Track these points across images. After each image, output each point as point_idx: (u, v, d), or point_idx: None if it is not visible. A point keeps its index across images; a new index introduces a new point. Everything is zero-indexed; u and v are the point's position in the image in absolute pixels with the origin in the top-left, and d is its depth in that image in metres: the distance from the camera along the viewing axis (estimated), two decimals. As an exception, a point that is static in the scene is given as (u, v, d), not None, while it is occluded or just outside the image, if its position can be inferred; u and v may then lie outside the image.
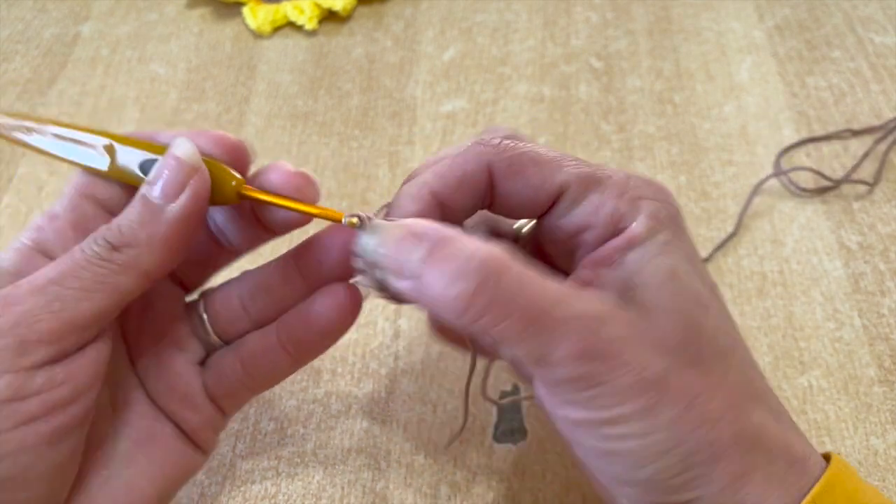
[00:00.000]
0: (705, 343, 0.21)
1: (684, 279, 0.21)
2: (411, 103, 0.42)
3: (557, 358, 0.19)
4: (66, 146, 0.24)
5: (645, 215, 0.21)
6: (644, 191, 0.22)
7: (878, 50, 0.43)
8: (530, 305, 0.19)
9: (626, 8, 0.46)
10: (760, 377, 0.22)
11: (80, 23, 0.47)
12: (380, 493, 0.29)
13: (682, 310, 0.21)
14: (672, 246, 0.21)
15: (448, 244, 0.19)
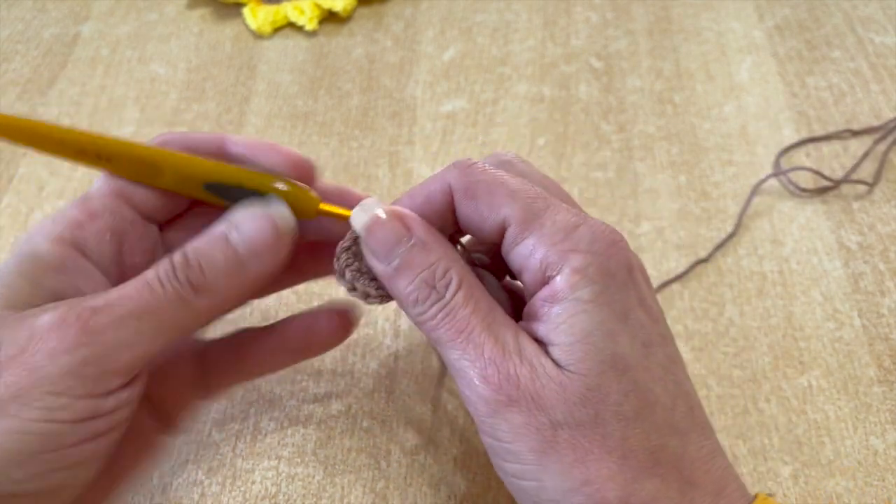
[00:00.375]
0: (607, 408, 0.21)
1: (597, 342, 0.21)
2: (411, 103, 0.42)
3: (473, 376, 0.21)
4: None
5: (570, 269, 0.21)
6: (579, 243, 0.22)
7: (877, 50, 0.43)
8: (468, 323, 0.22)
9: (626, 8, 0.46)
10: (682, 438, 0.21)
11: (80, 23, 0.47)
12: (380, 493, 0.29)
13: (586, 374, 0.21)
14: (594, 304, 0.21)
15: (427, 250, 0.23)
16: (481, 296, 0.22)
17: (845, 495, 0.28)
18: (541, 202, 0.23)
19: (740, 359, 0.32)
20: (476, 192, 0.23)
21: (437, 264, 0.22)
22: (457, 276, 0.22)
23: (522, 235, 0.22)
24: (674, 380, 0.22)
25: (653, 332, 0.22)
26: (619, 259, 0.22)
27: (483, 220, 0.23)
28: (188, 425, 0.27)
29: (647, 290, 0.23)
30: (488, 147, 0.40)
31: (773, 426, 0.30)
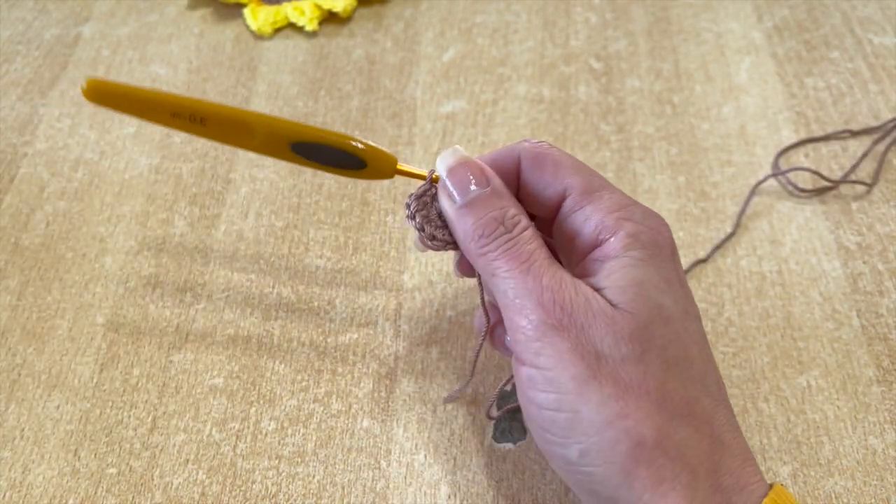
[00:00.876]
0: (652, 349, 0.22)
1: (648, 290, 0.23)
2: (411, 104, 0.42)
3: (527, 302, 0.22)
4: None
5: (625, 233, 0.24)
6: (634, 215, 0.24)
7: (876, 50, 0.44)
8: (531, 255, 0.23)
9: (626, 9, 0.46)
10: (714, 400, 0.23)
11: (81, 24, 0.47)
12: (380, 493, 0.29)
13: (636, 312, 0.22)
14: (645, 263, 0.23)
15: (500, 197, 0.25)
16: (543, 243, 0.24)
17: (844, 495, 0.28)
18: (599, 180, 0.25)
19: (739, 358, 0.32)
20: (544, 162, 0.25)
21: (508, 209, 0.24)
22: (525, 220, 0.24)
23: (581, 203, 0.25)
24: (707, 352, 0.24)
25: (689, 307, 0.24)
26: (666, 237, 0.24)
27: (546, 187, 0.25)
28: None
29: (684, 275, 0.25)
30: (488, 147, 0.40)
31: (772, 426, 0.30)
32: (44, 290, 0.35)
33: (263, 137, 0.25)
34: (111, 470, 0.29)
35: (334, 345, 0.33)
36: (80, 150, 0.40)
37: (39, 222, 0.37)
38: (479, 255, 0.24)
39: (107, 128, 0.41)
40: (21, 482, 0.29)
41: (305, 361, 0.32)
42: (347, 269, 0.35)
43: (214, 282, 0.35)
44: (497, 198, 0.24)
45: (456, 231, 0.25)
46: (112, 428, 0.30)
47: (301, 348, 0.33)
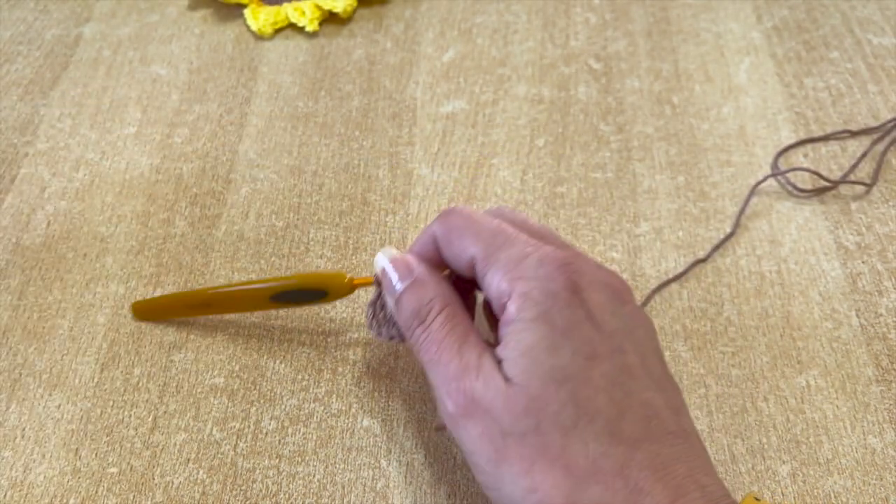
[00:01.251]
0: (547, 417, 0.22)
1: (538, 355, 0.23)
2: (411, 104, 0.42)
3: (441, 392, 0.24)
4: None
5: (517, 295, 0.24)
6: (526, 271, 0.24)
7: (875, 51, 0.44)
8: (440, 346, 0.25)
9: (625, 9, 0.47)
10: (628, 446, 0.22)
11: (82, 24, 0.47)
12: (380, 492, 0.29)
13: (527, 384, 0.23)
14: (536, 322, 0.23)
15: (421, 285, 0.27)
16: (460, 321, 0.26)
17: (843, 494, 0.28)
18: (500, 238, 0.26)
19: (738, 358, 0.32)
20: (450, 238, 0.27)
21: (426, 295, 0.26)
22: (439, 305, 0.26)
23: (484, 271, 0.25)
24: (623, 390, 0.23)
25: (600, 347, 0.23)
26: (563, 281, 0.24)
27: (458, 260, 0.26)
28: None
29: (606, 307, 0.24)
30: (488, 148, 0.40)
31: (771, 425, 0.30)
32: (45, 289, 0.35)
33: (251, 302, 0.32)
34: (112, 469, 0.29)
35: (335, 344, 0.33)
36: (80, 150, 0.40)
37: (40, 222, 0.37)
38: (413, 348, 0.26)
39: (108, 128, 0.41)
40: (22, 481, 0.29)
41: (306, 361, 0.32)
42: (348, 268, 0.35)
43: (215, 281, 0.35)
44: (418, 287, 0.27)
45: (399, 324, 0.27)
46: (113, 427, 0.30)
47: (301, 348, 0.33)
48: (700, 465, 0.23)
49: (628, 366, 0.24)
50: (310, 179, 0.39)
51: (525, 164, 0.39)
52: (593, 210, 0.37)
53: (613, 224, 0.37)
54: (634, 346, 0.24)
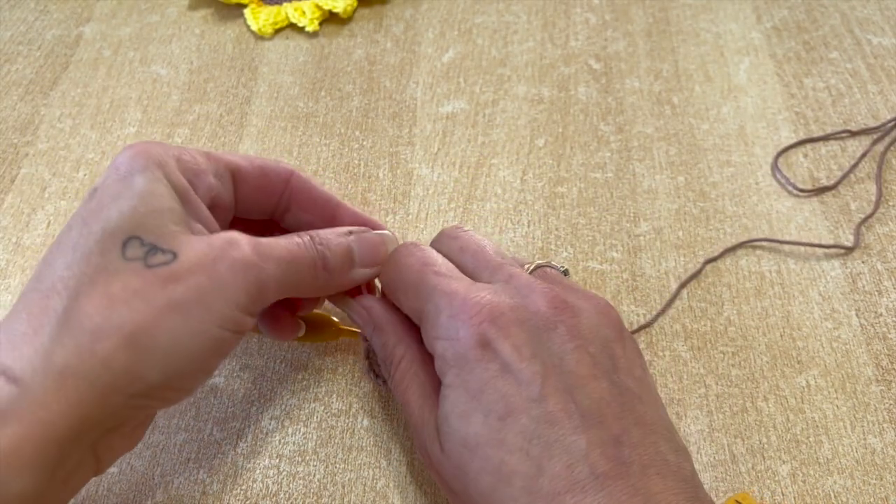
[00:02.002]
0: (469, 485, 0.23)
1: (452, 424, 0.23)
2: (411, 104, 0.42)
3: (414, 437, 0.26)
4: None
5: (437, 358, 0.24)
6: (440, 330, 0.24)
7: (875, 51, 0.44)
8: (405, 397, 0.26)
9: (625, 9, 0.47)
10: (548, 497, 0.21)
11: (82, 24, 0.47)
12: (380, 492, 0.29)
13: (451, 454, 0.23)
14: (451, 388, 0.24)
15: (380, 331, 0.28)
16: (418, 369, 0.26)
17: (843, 494, 0.29)
18: (423, 290, 0.25)
19: (738, 358, 0.32)
20: (393, 295, 0.28)
21: (387, 342, 0.27)
22: (399, 354, 0.27)
23: (419, 325, 0.26)
24: (542, 443, 0.22)
25: (516, 400, 0.22)
26: (468, 338, 0.23)
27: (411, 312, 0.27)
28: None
29: (523, 349, 0.23)
30: (488, 148, 0.40)
31: (771, 425, 0.30)
32: (45, 289, 0.35)
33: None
34: (112, 469, 0.29)
35: (335, 344, 0.33)
36: (81, 150, 0.40)
37: (41, 222, 0.37)
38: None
39: (108, 128, 0.41)
40: (22, 481, 0.29)
41: (306, 360, 0.32)
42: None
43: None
44: (378, 334, 0.28)
45: None
46: (113, 427, 0.31)
47: (301, 348, 0.33)
48: (640, 500, 0.21)
49: (548, 413, 0.22)
50: (310, 179, 0.39)
51: (525, 164, 0.39)
52: (593, 210, 0.37)
53: (613, 224, 0.37)
54: (560, 381, 0.23)
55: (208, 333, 0.22)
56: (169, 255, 0.22)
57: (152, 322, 0.21)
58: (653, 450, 0.22)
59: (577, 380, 0.23)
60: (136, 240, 0.22)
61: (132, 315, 0.21)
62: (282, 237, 0.25)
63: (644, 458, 0.22)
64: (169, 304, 0.21)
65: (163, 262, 0.22)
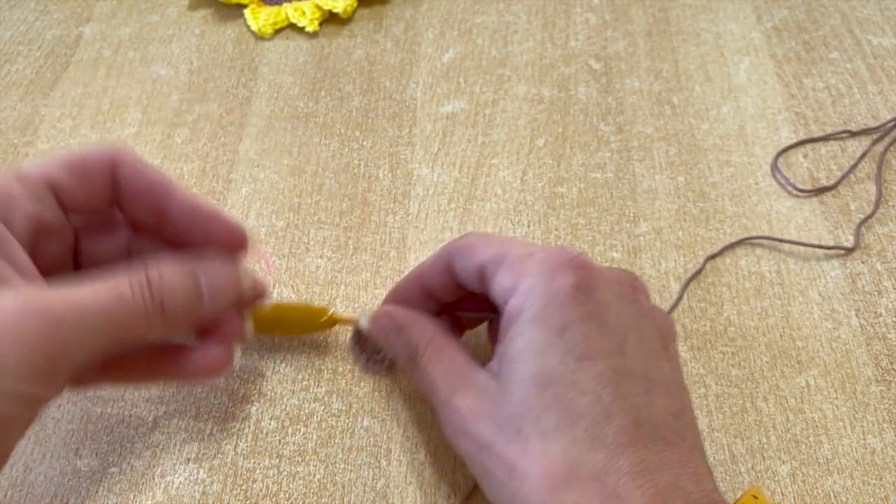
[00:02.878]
0: (527, 423, 0.22)
1: (527, 360, 0.23)
2: (411, 104, 0.42)
3: (440, 418, 0.25)
4: None
5: (519, 293, 0.24)
6: (529, 269, 0.24)
7: (875, 51, 0.44)
8: (433, 378, 0.26)
9: (625, 9, 0.47)
10: (609, 451, 0.22)
11: (82, 24, 0.47)
12: (380, 492, 0.29)
13: (514, 390, 0.23)
14: (532, 322, 0.23)
15: (403, 330, 0.28)
16: (445, 349, 0.26)
17: (843, 494, 0.29)
18: (508, 244, 0.26)
19: (738, 358, 0.32)
20: (463, 251, 0.27)
21: (411, 337, 0.27)
22: (424, 343, 0.26)
23: (492, 271, 0.26)
24: (615, 393, 0.22)
25: (597, 346, 0.23)
26: (566, 277, 0.24)
27: (467, 271, 0.27)
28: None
29: (612, 304, 0.24)
30: (488, 148, 0.40)
31: (770, 425, 0.30)
32: (45, 289, 0.35)
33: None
34: (112, 469, 0.29)
35: (335, 344, 0.33)
36: (81, 150, 0.41)
37: (41, 222, 0.37)
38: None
39: (108, 128, 0.41)
40: (22, 481, 0.29)
41: (306, 360, 0.32)
42: (348, 268, 0.35)
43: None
44: (402, 332, 0.27)
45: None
46: (113, 427, 0.30)
47: (301, 348, 0.33)
48: (689, 471, 0.22)
49: (626, 367, 0.23)
50: (310, 179, 0.39)
51: (525, 164, 0.39)
52: (593, 210, 0.37)
53: (613, 224, 0.37)
54: (638, 345, 0.24)
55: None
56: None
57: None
58: (698, 436, 0.24)
59: (649, 350, 0.24)
60: None
61: None
62: (98, 282, 0.22)
63: (693, 440, 0.23)
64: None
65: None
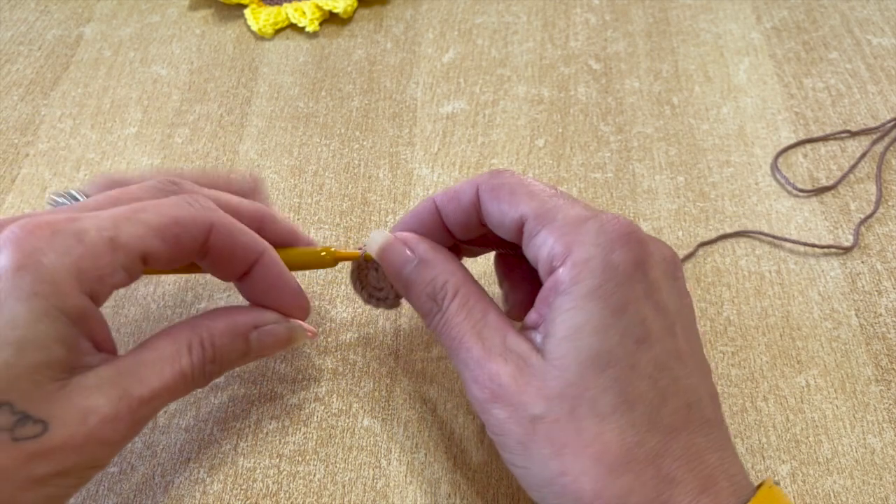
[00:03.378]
0: (583, 403, 0.22)
1: (584, 337, 0.22)
2: (411, 104, 0.42)
3: (467, 377, 0.24)
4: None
5: (572, 261, 0.22)
6: (585, 235, 0.23)
7: (875, 51, 0.44)
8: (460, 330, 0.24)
9: (625, 10, 0.47)
10: (664, 435, 0.22)
11: (83, 24, 0.47)
12: (380, 492, 0.29)
13: (566, 368, 0.22)
14: (589, 298, 0.22)
15: (427, 266, 0.25)
16: (476, 301, 0.24)
17: (843, 493, 0.29)
18: (556, 199, 0.24)
19: (738, 358, 0.32)
20: (500, 193, 0.25)
21: (437, 278, 0.25)
22: (452, 288, 0.25)
23: (536, 228, 0.24)
24: (670, 376, 0.22)
25: (654, 327, 0.22)
26: (626, 252, 0.22)
27: (504, 216, 0.24)
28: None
29: (662, 283, 0.23)
30: (488, 148, 0.40)
31: (770, 425, 0.30)
32: (46, 289, 0.35)
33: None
34: (113, 469, 0.29)
35: (335, 344, 0.33)
36: (81, 150, 0.41)
37: (41, 222, 0.37)
38: (434, 333, 0.25)
39: (108, 128, 0.41)
40: (23, 481, 0.29)
41: (306, 360, 0.32)
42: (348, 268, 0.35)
43: (215, 281, 0.35)
44: (425, 269, 0.25)
45: (412, 305, 0.26)
46: (114, 427, 0.31)
47: (302, 347, 0.33)
48: (729, 454, 0.23)
49: (678, 349, 0.23)
50: (310, 179, 0.39)
51: (525, 164, 0.39)
52: (593, 210, 0.37)
53: (613, 224, 0.37)
54: (684, 326, 0.23)
55: (67, 496, 0.21)
56: (39, 426, 0.20)
57: (10, 499, 0.20)
58: (724, 419, 0.24)
59: (692, 332, 0.24)
60: (6, 406, 0.19)
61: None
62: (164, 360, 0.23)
63: (725, 422, 0.24)
64: (30, 479, 0.20)
65: (32, 434, 0.20)
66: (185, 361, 0.24)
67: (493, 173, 0.25)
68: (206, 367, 0.24)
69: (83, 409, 0.21)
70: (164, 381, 0.23)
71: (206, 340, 0.24)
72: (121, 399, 0.21)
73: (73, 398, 0.21)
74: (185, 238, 0.24)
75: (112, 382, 0.22)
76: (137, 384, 0.22)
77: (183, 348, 0.24)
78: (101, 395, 0.21)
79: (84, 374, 0.21)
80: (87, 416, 0.21)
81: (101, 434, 0.21)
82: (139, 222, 0.22)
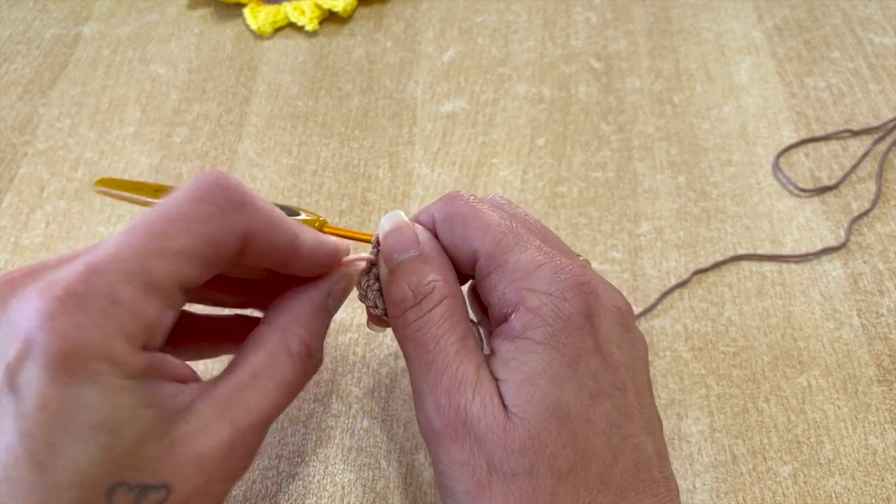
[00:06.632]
0: (543, 460, 0.21)
1: (543, 386, 0.21)
2: (411, 104, 0.42)
3: (428, 402, 0.22)
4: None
5: (525, 309, 0.22)
6: (538, 283, 0.22)
7: (876, 50, 0.44)
8: (436, 343, 0.22)
9: (626, 9, 0.46)
10: (614, 495, 0.21)
11: (81, 23, 0.47)
12: (380, 493, 0.29)
13: (527, 418, 0.21)
14: (544, 346, 0.21)
15: (425, 261, 0.23)
16: (460, 321, 0.23)
17: (844, 494, 0.28)
18: (511, 238, 0.23)
19: (740, 358, 0.32)
20: (453, 224, 0.23)
21: (428, 275, 0.23)
22: (440, 294, 0.23)
23: (487, 269, 0.23)
24: (620, 433, 0.22)
25: (604, 382, 0.22)
26: (577, 303, 0.22)
27: (458, 250, 0.23)
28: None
29: (613, 335, 0.23)
30: (488, 147, 0.40)
31: (772, 426, 0.30)
32: (44, 289, 0.35)
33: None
34: (111, 469, 0.29)
35: (335, 344, 0.33)
36: (80, 149, 0.40)
37: (39, 222, 0.37)
38: (396, 328, 0.23)
39: (107, 127, 0.41)
40: (21, 482, 0.29)
41: (305, 361, 0.32)
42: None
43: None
44: (421, 263, 0.23)
45: (387, 297, 0.24)
46: (112, 427, 0.30)
47: (301, 348, 0.33)
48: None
49: (627, 406, 0.22)
50: (309, 179, 0.39)
51: (525, 163, 0.39)
52: (594, 210, 0.37)
53: (614, 224, 0.37)
54: (634, 380, 0.23)
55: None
56: (162, 491, 0.19)
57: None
58: (673, 477, 0.23)
59: (641, 386, 0.23)
60: (122, 487, 0.18)
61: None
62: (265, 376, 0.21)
63: (674, 482, 0.23)
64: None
65: (157, 501, 0.19)
66: (287, 369, 0.22)
67: (447, 200, 0.24)
68: (307, 365, 0.23)
69: (196, 458, 0.20)
70: (269, 399, 0.21)
71: (302, 338, 0.23)
72: (231, 435, 0.20)
73: (183, 450, 0.19)
74: (223, 253, 0.21)
75: (217, 418, 0.20)
76: (244, 413, 0.21)
77: (281, 356, 0.22)
78: (210, 437, 0.20)
79: (185, 420, 0.20)
80: (203, 464, 0.20)
81: (221, 473, 0.20)
82: (169, 255, 0.20)
